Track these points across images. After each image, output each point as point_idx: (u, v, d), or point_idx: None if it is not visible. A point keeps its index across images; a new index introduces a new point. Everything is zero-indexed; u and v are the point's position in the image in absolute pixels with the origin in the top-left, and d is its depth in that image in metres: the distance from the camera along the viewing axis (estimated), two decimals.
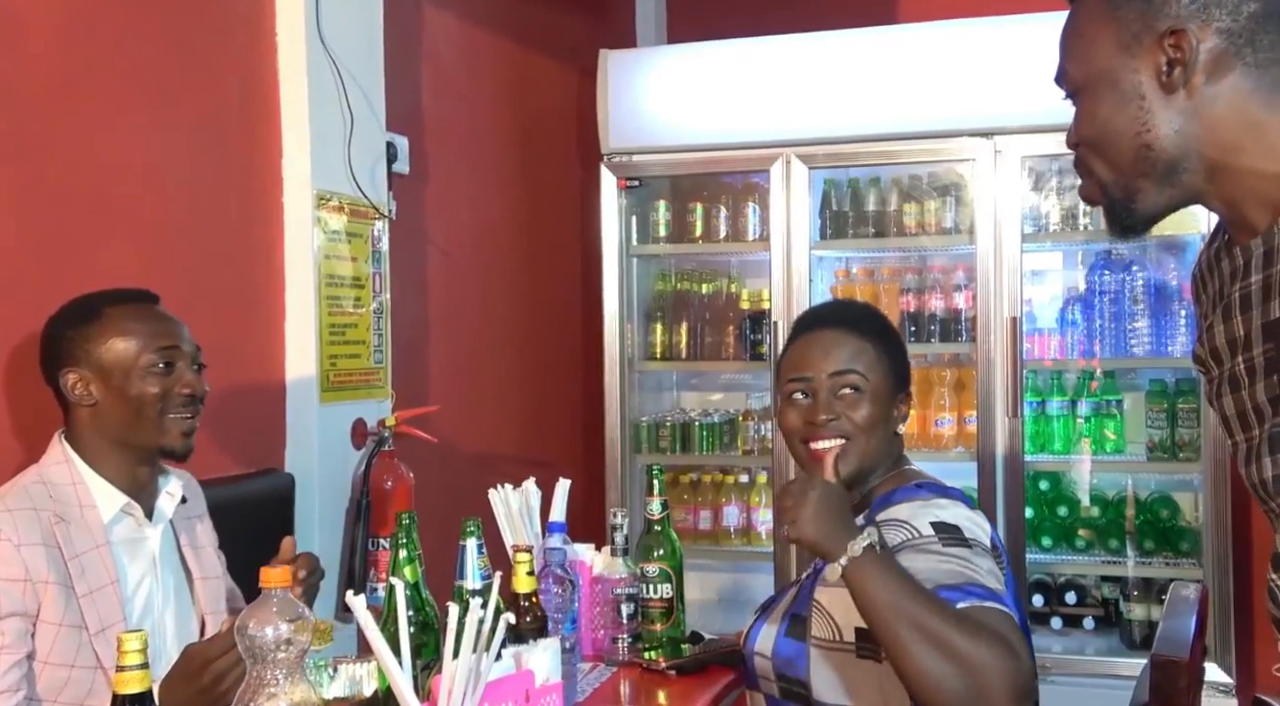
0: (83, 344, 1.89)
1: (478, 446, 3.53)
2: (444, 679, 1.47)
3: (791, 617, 1.79)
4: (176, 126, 2.56)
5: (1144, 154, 1.26)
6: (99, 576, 1.82)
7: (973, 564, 1.62)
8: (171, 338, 1.93)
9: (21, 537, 1.74)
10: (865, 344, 1.92)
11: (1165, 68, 1.23)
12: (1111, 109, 1.28)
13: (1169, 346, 3.59)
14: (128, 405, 1.88)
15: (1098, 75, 1.29)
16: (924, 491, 1.77)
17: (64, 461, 1.89)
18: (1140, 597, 3.58)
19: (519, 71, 3.92)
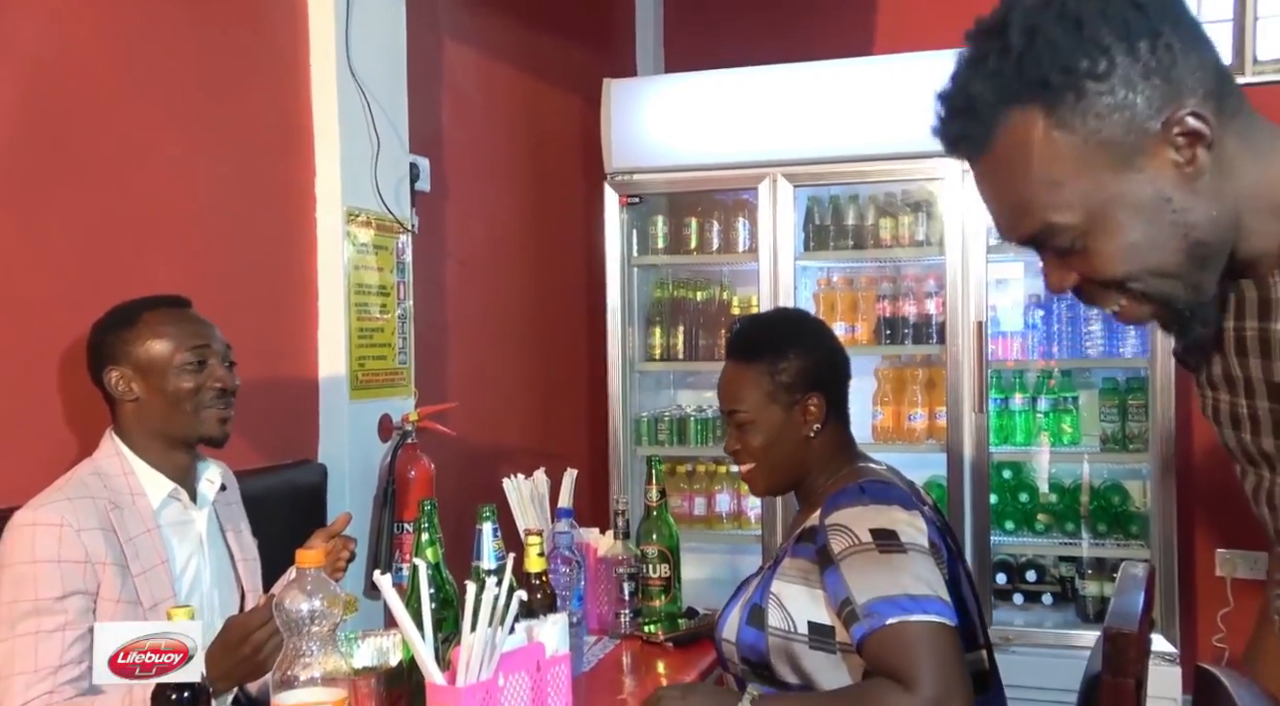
0: (123, 346, 1.90)
1: (492, 439, 3.53)
2: (463, 650, 1.47)
3: (752, 607, 1.79)
4: (221, 149, 2.56)
5: (1197, 251, 1.06)
6: (151, 557, 1.83)
7: (906, 570, 1.62)
8: (202, 337, 1.94)
9: (81, 523, 1.75)
10: (750, 372, 1.90)
11: (1183, 158, 1.04)
12: (1141, 231, 1.05)
13: (1120, 348, 3.59)
14: (166, 399, 1.89)
15: (1105, 209, 1.06)
16: (865, 495, 1.73)
17: (115, 454, 1.90)
18: (1094, 576, 3.58)
19: (530, 98, 3.92)
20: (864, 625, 1.59)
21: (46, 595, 1.70)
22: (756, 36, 4.36)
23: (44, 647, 1.69)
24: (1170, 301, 1.09)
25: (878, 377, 3.87)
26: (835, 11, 4.35)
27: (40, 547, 1.72)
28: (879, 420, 3.81)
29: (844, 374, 1.96)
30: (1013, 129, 1.06)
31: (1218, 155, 1.04)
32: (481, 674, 1.48)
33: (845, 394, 1.96)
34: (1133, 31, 1.02)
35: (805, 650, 1.72)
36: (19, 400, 2.08)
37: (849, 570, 1.64)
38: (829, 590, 1.67)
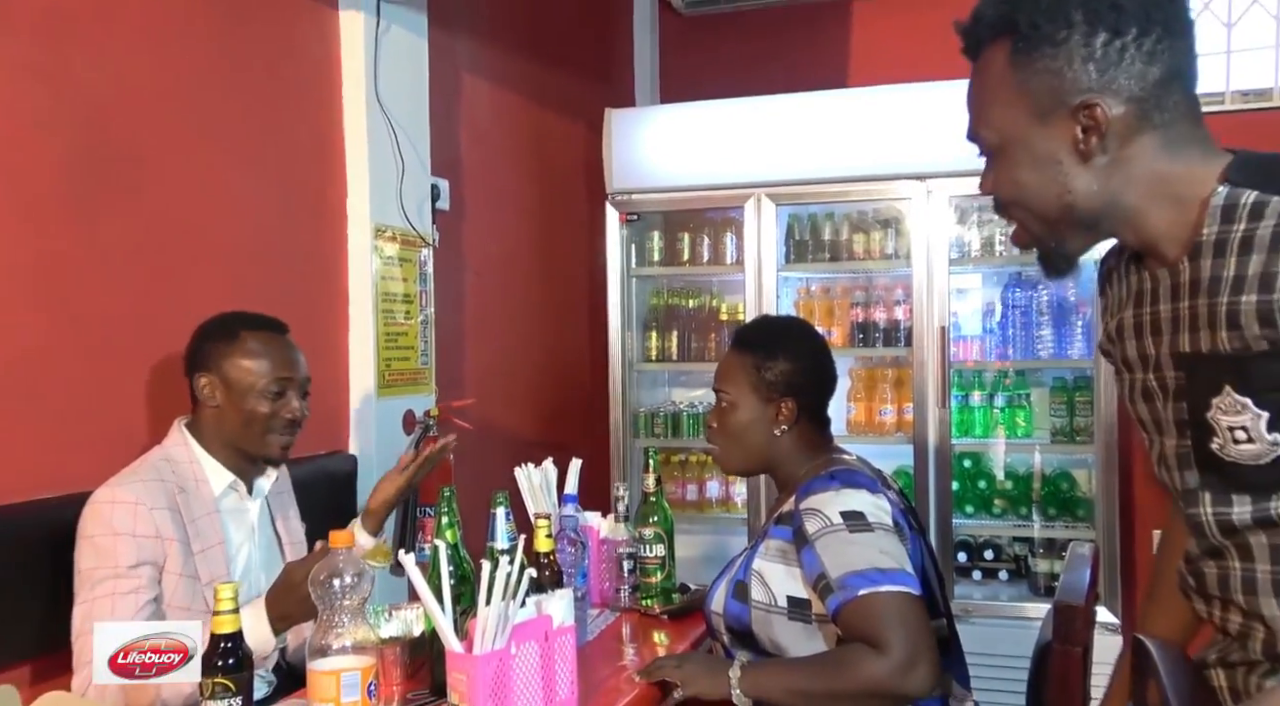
0: (217, 357, 1.91)
1: (505, 432, 3.53)
2: (479, 621, 1.47)
3: (736, 583, 1.80)
4: (262, 172, 2.56)
5: (1068, 211, 1.15)
6: (210, 537, 1.85)
7: (874, 546, 1.65)
8: (289, 368, 1.94)
9: (153, 502, 1.78)
10: (741, 361, 1.91)
11: (1081, 137, 1.11)
12: (1030, 173, 1.15)
13: (1068, 350, 3.59)
14: (241, 416, 1.90)
15: (1012, 142, 1.16)
16: (835, 481, 1.74)
17: (183, 444, 1.91)
18: (1044, 554, 3.58)
19: (538, 126, 3.92)
20: (838, 597, 1.61)
21: (123, 563, 1.72)
22: (743, 71, 4.36)
23: (119, 606, 1.70)
24: (1038, 240, 1.20)
25: (852, 377, 3.87)
26: (813, 48, 4.35)
27: (118, 522, 1.73)
28: (853, 415, 3.81)
29: (825, 387, 1.95)
30: (991, 51, 1.17)
31: (1126, 147, 1.11)
32: (496, 643, 1.48)
33: (824, 403, 1.95)
34: (1100, 22, 1.08)
35: (784, 621, 1.73)
36: (89, 397, 2.08)
37: (823, 548, 1.66)
38: (805, 567, 1.69)
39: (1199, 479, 1.14)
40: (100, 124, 2.13)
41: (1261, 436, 1.06)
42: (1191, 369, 1.12)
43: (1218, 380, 1.08)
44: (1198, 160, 1.12)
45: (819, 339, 2.01)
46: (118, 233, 2.16)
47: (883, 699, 1.59)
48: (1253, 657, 1.15)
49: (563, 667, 1.58)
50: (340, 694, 1.38)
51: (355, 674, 1.39)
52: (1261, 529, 1.10)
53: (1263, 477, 1.08)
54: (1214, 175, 1.10)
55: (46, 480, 1.95)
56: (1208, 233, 1.09)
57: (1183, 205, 1.11)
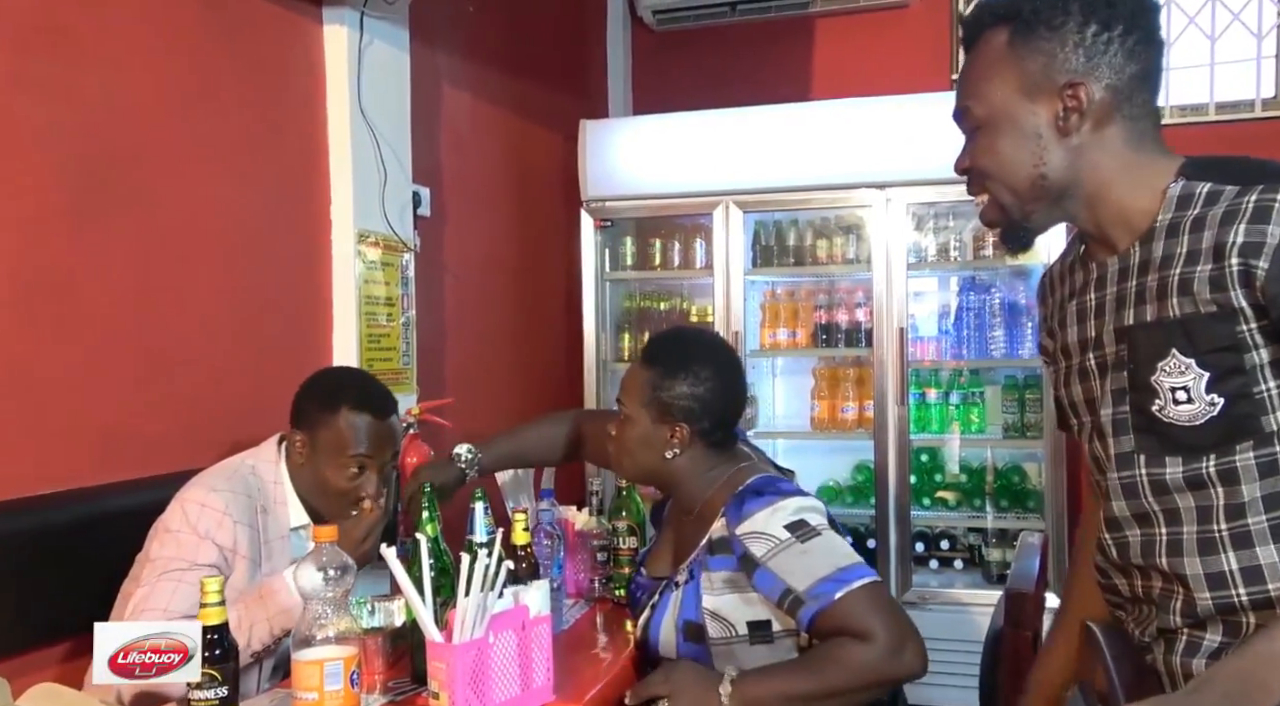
0: (313, 422, 1.87)
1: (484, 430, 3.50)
2: (458, 612, 1.46)
3: (685, 624, 1.69)
4: (250, 180, 2.54)
5: (1040, 183, 1.21)
6: (280, 560, 1.83)
7: (828, 548, 1.60)
8: (375, 451, 1.87)
9: (239, 516, 1.75)
10: (642, 376, 1.78)
11: (1063, 114, 1.18)
12: (1012, 145, 1.21)
13: (1019, 350, 3.62)
14: (319, 481, 1.87)
15: (1000, 114, 1.22)
16: (764, 497, 1.64)
17: (275, 463, 1.88)
18: (997, 544, 3.61)
19: (516, 136, 3.91)
20: (812, 607, 1.55)
21: (201, 561, 1.70)
22: (712, 84, 4.37)
23: (180, 595, 1.67)
24: (1005, 212, 1.24)
25: (815, 376, 3.88)
26: (779, 63, 4.36)
27: (203, 524, 1.72)
28: (816, 412, 3.83)
29: (729, 414, 1.78)
30: (991, 33, 1.23)
31: (1097, 131, 1.18)
32: (474, 632, 1.47)
33: (725, 429, 1.78)
34: (1093, 15, 1.17)
35: (746, 647, 1.66)
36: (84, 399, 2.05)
37: (779, 567, 1.59)
38: (764, 589, 1.60)
39: (1135, 441, 1.18)
40: (96, 135, 2.11)
41: (1200, 396, 1.11)
42: (1135, 339, 1.16)
43: (1166, 344, 1.13)
44: (1158, 155, 1.20)
45: (728, 359, 1.82)
46: (112, 240, 2.14)
47: (878, 685, 1.55)
48: (1174, 623, 1.16)
49: (539, 656, 1.57)
50: (324, 682, 1.37)
51: (338, 663, 1.38)
52: (1190, 489, 1.14)
53: (1196, 438, 1.12)
54: (1171, 170, 1.18)
55: (42, 478, 1.93)
56: (1162, 219, 1.16)
57: (1140, 192, 1.18)
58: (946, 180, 3.44)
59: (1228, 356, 1.09)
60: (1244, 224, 1.08)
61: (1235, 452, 1.11)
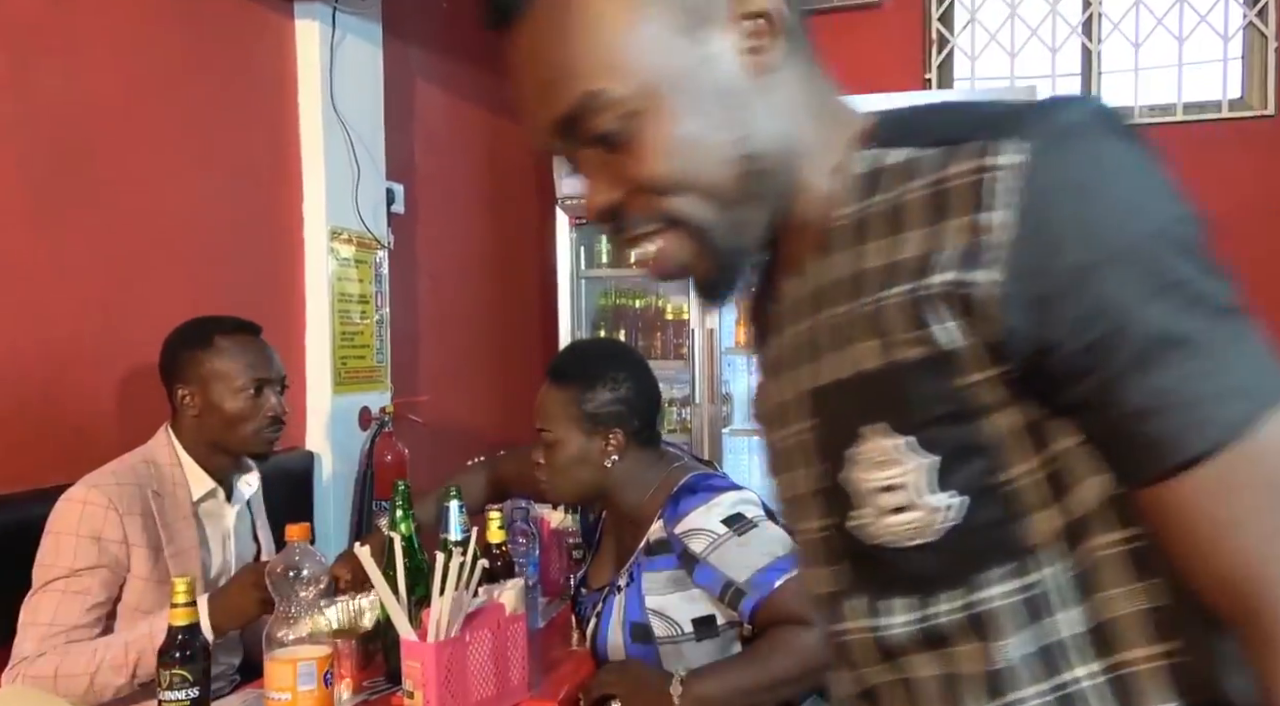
0: (194, 365, 1.84)
1: (460, 427, 3.50)
2: (433, 611, 1.46)
3: (632, 626, 1.69)
4: (220, 176, 2.52)
5: (747, 167, 0.71)
6: (184, 540, 1.79)
7: (765, 538, 1.60)
8: (264, 369, 1.87)
9: (125, 508, 1.71)
10: (560, 396, 1.76)
11: (751, 44, 0.71)
12: (696, 120, 0.70)
13: None
14: (224, 418, 1.84)
15: (664, 80, 0.69)
16: (700, 494, 1.66)
17: (167, 446, 1.85)
18: None
19: (491, 132, 3.90)
20: (753, 597, 1.56)
21: (79, 564, 1.67)
22: None
23: (64, 607, 1.65)
24: (708, 234, 0.72)
25: None
26: None
27: (85, 523, 1.68)
28: None
29: (651, 410, 1.80)
30: None
31: (784, 67, 0.72)
32: (450, 631, 1.46)
33: (653, 425, 1.80)
34: None
35: (693, 645, 1.67)
36: (52, 396, 2.03)
37: (719, 560, 1.60)
38: (704, 583, 1.61)
39: (843, 575, 0.76)
40: (58, 129, 2.08)
41: (922, 498, 0.67)
42: (822, 411, 0.73)
43: (859, 415, 0.69)
44: (841, 107, 0.78)
45: (637, 359, 1.86)
46: (79, 237, 2.11)
47: (824, 669, 1.56)
48: None
49: (514, 654, 1.57)
50: (297, 682, 1.36)
51: (311, 663, 1.37)
52: (929, 647, 0.71)
53: (926, 565, 0.69)
54: (858, 131, 0.75)
55: (10, 476, 1.90)
56: (845, 212, 0.72)
57: (824, 165, 0.74)
58: None
59: (952, 429, 0.66)
60: (950, 215, 0.64)
61: (987, 585, 0.68)
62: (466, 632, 1.48)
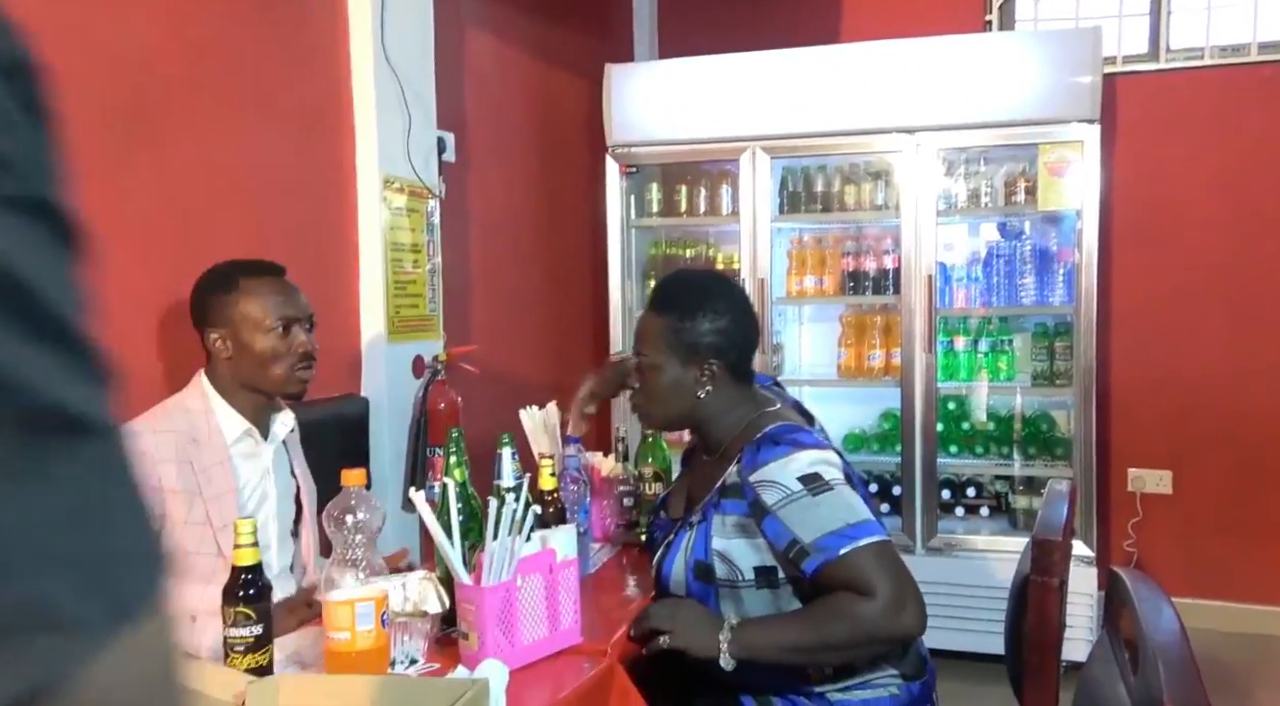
0: (222, 308, 1.87)
1: (510, 375, 3.53)
2: (486, 555, 1.48)
3: (695, 564, 1.71)
4: (275, 126, 2.53)
5: None
6: (221, 485, 1.83)
7: (839, 503, 1.59)
8: (290, 307, 1.90)
9: (160, 455, 1.75)
10: (659, 323, 1.78)
11: None
12: None
13: (1050, 298, 3.58)
14: (255, 358, 1.87)
15: None
16: (781, 447, 1.65)
17: (201, 395, 1.89)
18: (1024, 491, 3.60)
19: (541, 81, 3.87)
20: (816, 559, 1.56)
21: None
22: (739, 26, 4.30)
23: None
24: None
25: (842, 323, 3.86)
26: (809, 6, 4.28)
27: None
28: (843, 360, 3.81)
29: (748, 345, 1.82)
30: None
31: None
32: (502, 575, 1.49)
33: (748, 361, 1.82)
34: None
35: (752, 592, 1.68)
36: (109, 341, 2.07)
37: (788, 516, 1.60)
38: (771, 536, 1.62)
39: None
40: (120, 83, 2.11)
41: None
42: None
43: None
44: None
45: (740, 294, 1.87)
46: (138, 186, 2.14)
47: (875, 642, 1.57)
48: None
49: (566, 598, 1.59)
50: (355, 622, 1.39)
51: (369, 604, 1.40)
52: None
53: None
54: None
55: None
56: None
57: None
58: (978, 125, 3.41)
59: None
60: None
61: None
62: (519, 577, 1.50)
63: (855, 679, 1.67)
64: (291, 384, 1.91)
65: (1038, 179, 3.41)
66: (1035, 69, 3.34)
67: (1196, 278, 3.87)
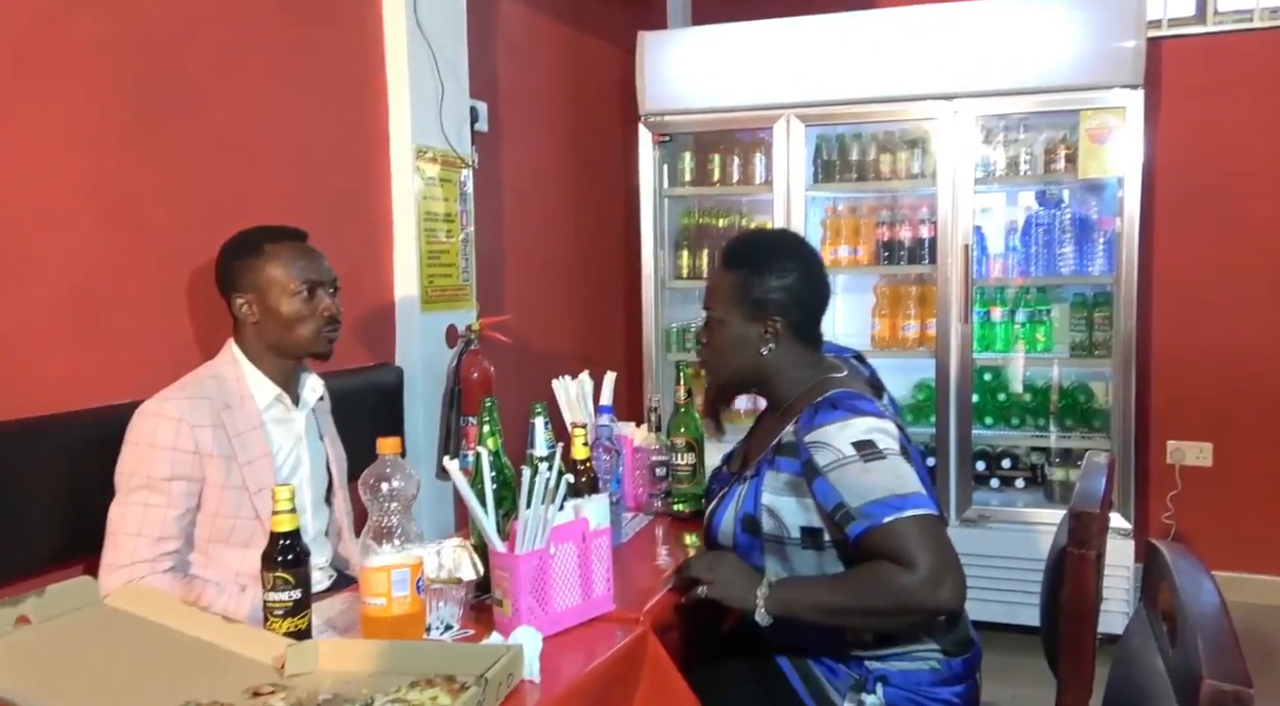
0: (246, 274, 1.89)
1: (543, 345, 3.54)
2: (520, 524, 1.49)
3: (744, 517, 1.73)
4: (308, 97, 2.54)
5: None
6: (256, 449, 1.85)
7: (890, 472, 1.59)
8: (314, 270, 1.92)
9: (196, 420, 1.77)
10: (729, 279, 1.80)
11: None
12: None
13: (1089, 267, 3.52)
14: (282, 322, 1.89)
15: None
16: (839, 411, 1.65)
17: (232, 362, 1.91)
18: (1060, 463, 3.57)
19: (573, 49, 3.85)
20: (860, 524, 1.56)
21: (157, 475, 1.74)
22: None
23: (150, 517, 1.73)
24: None
25: (876, 293, 3.83)
26: None
27: (160, 435, 1.74)
28: (877, 330, 3.78)
29: (816, 305, 1.82)
30: None
31: None
32: (536, 543, 1.50)
33: (815, 320, 1.83)
34: None
35: (797, 550, 1.69)
36: (146, 312, 2.10)
37: (838, 480, 1.60)
38: (819, 497, 1.63)
39: None
40: (156, 53, 2.12)
41: None
42: None
43: None
44: None
45: (810, 254, 1.86)
46: (174, 154, 2.16)
47: (911, 613, 1.57)
48: None
49: (599, 566, 1.60)
50: (391, 588, 1.41)
51: (405, 570, 1.42)
52: None
53: None
54: None
55: (107, 389, 1.98)
56: None
57: None
58: (1018, 90, 3.35)
59: None
60: None
61: None
62: (551, 545, 1.51)
63: (895, 648, 1.68)
64: (319, 343, 1.93)
65: (1078, 146, 3.35)
66: (1077, 33, 3.27)
67: (1242, 247, 3.79)
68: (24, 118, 1.87)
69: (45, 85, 1.91)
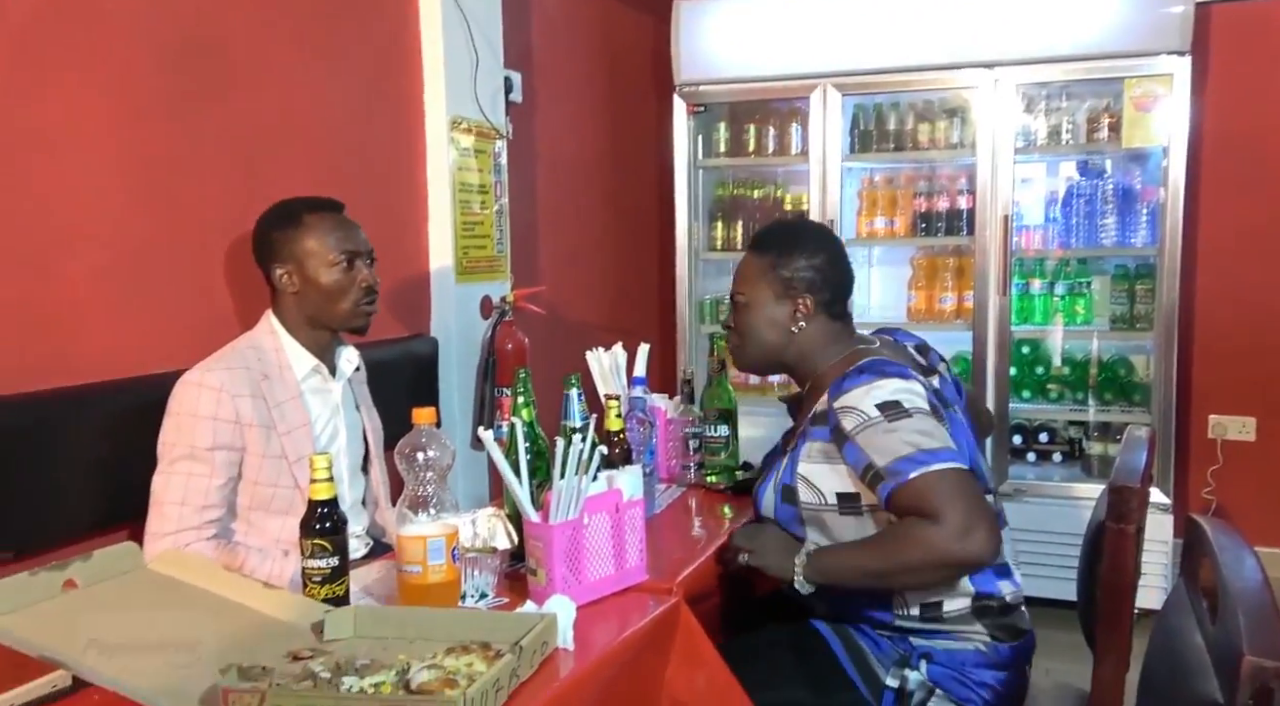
0: (286, 244, 1.90)
1: (577, 317, 3.54)
2: (554, 494, 1.50)
3: (783, 488, 1.76)
4: (343, 68, 2.54)
5: None
6: (295, 419, 1.87)
7: (914, 430, 1.60)
8: (353, 242, 1.93)
9: (236, 390, 1.79)
10: (758, 262, 1.84)
11: None
12: None
13: (1132, 239, 3.46)
14: (321, 293, 1.90)
15: None
16: (865, 375, 1.67)
17: (270, 332, 1.92)
18: (1099, 438, 3.53)
19: (608, 18, 3.82)
20: (889, 483, 1.58)
21: (200, 444, 1.76)
22: None
23: (193, 486, 1.75)
24: None
25: (913, 265, 3.79)
26: None
27: (202, 405, 1.77)
28: (914, 302, 3.75)
29: (844, 286, 1.87)
30: None
31: None
32: (569, 513, 1.50)
33: (842, 299, 1.87)
34: None
35: (835, 516, 1.71)
36: (185, 283, 2.12)
37: (865, 442, 1.62)
38: (850, 461, 1.65)
39: None
40: (194, 26, 2.13)
41: None
42: None
43: None
44: None
45: (834, 240, 1.93)
46: (211, 127, 2.17)
47: (944, 567, 1.58)
48: None
49: (632, 537, 1.60)
50: (427, 556, 1.42)
51: (440, 539, 1.43)
52: None
53: None
54: None
55: (147, 358, 2.01)
56: None
57: None
58: (1060, 58, 3.28)
59: None
60: None
61: None
62: (585, 515, 1.52)
63: (943, 626, 1.68)
64: (357, 317, 1.94)
65: (1122, 114, 3.28)
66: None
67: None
68: (64, 91, 1.89)
69: (84, 59, 1.92)
